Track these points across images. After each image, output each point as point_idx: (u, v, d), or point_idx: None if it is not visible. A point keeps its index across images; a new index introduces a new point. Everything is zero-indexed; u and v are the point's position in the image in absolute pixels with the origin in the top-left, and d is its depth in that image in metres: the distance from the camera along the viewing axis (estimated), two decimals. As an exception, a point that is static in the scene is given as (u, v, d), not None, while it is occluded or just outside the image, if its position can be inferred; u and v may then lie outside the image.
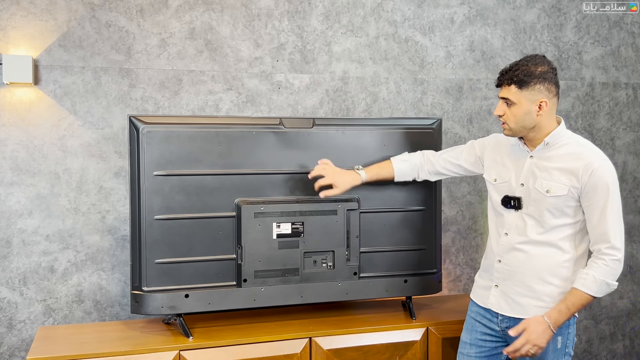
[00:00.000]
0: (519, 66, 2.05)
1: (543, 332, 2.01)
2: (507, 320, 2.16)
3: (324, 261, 2.47)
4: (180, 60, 2.79)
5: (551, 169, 2.08)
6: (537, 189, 2.08)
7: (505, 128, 2.12)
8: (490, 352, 2.24)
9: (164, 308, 2.29)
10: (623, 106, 3.50)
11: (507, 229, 2.16)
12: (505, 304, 2.16)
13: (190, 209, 2.31)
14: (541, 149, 2.11)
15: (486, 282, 2.24)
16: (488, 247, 2.26)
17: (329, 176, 2.37)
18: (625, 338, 3.57)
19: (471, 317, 2.29)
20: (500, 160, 2.24)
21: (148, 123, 2.26)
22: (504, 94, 2.08)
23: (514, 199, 2.14)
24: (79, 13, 2.67)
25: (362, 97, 3.04)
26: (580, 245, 2.12)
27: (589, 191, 2.03)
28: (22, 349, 2.65)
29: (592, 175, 2.01)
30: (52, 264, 2.66)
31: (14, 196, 2.61)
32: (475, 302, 2.29)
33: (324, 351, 2.37)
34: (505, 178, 2.19)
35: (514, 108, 2.06)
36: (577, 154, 2.06)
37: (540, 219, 2.09)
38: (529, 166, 2.13)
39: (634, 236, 3.55)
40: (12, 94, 2.60)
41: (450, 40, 3.17)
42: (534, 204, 2.09)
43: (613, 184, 2.04)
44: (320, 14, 2.97)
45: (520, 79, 2.03)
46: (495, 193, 2.22)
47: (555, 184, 2.05)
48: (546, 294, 2.09)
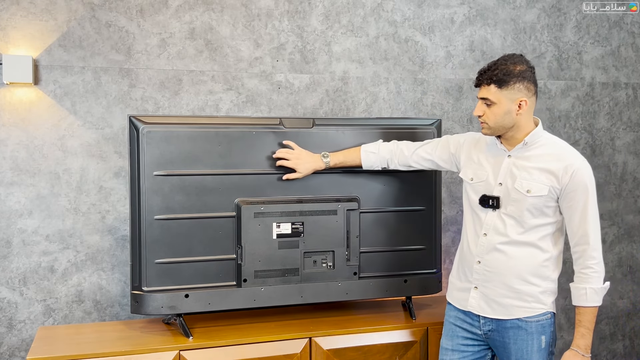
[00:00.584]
0: (497, 65, 2.05)
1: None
2: (490, 322, 2.15)
3: (324, 261, 2.47)
4: (180, 60, 2.79)
5: (530, 168, 2.08)
6: (517, 189, 2.08)
7: (484, 127, 2.11)
8: (474, 357, 2.23)
9: (164, 308, 2.29)
10: (623, 106, 3.50)
11: (486, 229, 2.14)
12: (487, 305, 2.14)
13: (190, 209, 2.31)
14: (520, 149, 2.11)
15: (464, 284, 2.22)
16: (464, 248, 2.23)
17: (292, 160, 2.37)
18: (625, 338, 3.57)
19: (450, 322, 2.27)
20: (476, 159, 2.23)
21: (148, 123, 2.26)
22: (483, 93, 2.08)
23: (492, 199, 2.13)
24: (79, 13, 2.67)
25: (362, 97, 3.04)
26: (558, 244, 2.14)
27: (569, 192, 2.04)
28: (22, 349, 2.65)
29: (573, 177, 2.02)
30: (52, 264, 2.66)
31: (14, 196, 2.61)
32: (453, 305, 2.27)
33: (324, 351, 2.37)
34: (482, 177, 2.18)
35: (493, 108, 2.06)
36: (556, 154, 2.07)
37: (520, 219, 2.08)
38: (507, 165, 2.13)
39: (634, 236, 3.55)
40: (12, 94, 2.60)
41: (450, 40, 3.17)
42: (514, 203, 2.08)
43: (591, 185, 2.05)
44: (320, 14, 2.97)
45: (499, 78, 2.03)
46: (472, 192, 2.21)
47: (535, 184, 2.06)
48: (528, 294, 2.09)
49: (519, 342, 2.10)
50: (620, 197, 3.51)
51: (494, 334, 2.15)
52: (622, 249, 3.53)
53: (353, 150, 2.45)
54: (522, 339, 2.09)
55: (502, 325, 2.12)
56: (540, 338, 2.09)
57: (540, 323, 2.10)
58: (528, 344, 2.09)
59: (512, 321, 2.10)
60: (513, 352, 2.11)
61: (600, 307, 3.46)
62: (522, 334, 2.09)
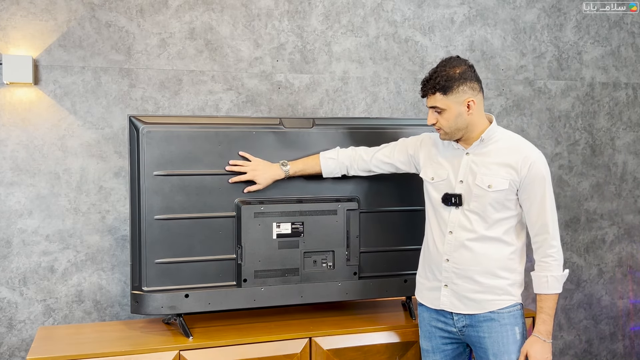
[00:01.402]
0: (437, 73, 2.07)
1: (542, 348, 2.07)
2: (463, 318, 2.17)
3: (324, 261, 2.47)
4: (180, 60, 2.79)
5: (489, 164, 2.10)
6: (478, 185, 2.10)
7: (441, 134, 2.14)
8: (454, 354, 2.25)
9: (164, 308, 2.29)
10: (623, 106, 3.50)
11: (451, 227, 2.16)
12: (459, 302, 2.16)
13: (190, 209, 2.31)
14: (477, 146, 2.13)
15: (433, 283, 2.22)
16: (430, 247, 2.23)
17: (249, 173, 2.34)
18: (625, 338, 3.57)
19: (426, 323, 2.27)
20: (435, 159, 2.25)
21: (148, 123, 2.26)
22: (431, 103, 2.10)
23: (454, 196, 2.14)
24: (79, 13, 2.67)
25: (362, 97, 3.04)
26: (521, 236, 2.17)
27: (527, 184, 2.07)
28: (22, 349, 2.65)
29: (531, 168, 2.06)
30: (52, 264, 2.66)
31: (14, 196, 2.61)
32: (425, 305, 2.27)
33: (324, 351, 2.37)
34: (443, 176, 2.19)
35: (444, 114, 2.08)
36: (513, 147, 2.11)
37: (484, 214, 2.10)
38: (466, 163, 2.15)
39: (634, 236, 3.55)
40: (12, 94, 2.60)
41: (450, 40, 3.17)
42: (476, 199, 2.11)
43: (547, 175, 2.09)
44: (320, 14, 2.97)
45: (442, 86, 2.05)
46: (434, 191, 2.22)
47: (495, 179, 2.08)
48: (497, 288, 2.12)
49: (493, 334, 2.11)
50: (620, 197, 3.51)
51: (469, 329, 2.16)
52: (622, 249, 3.53)
53: (312, 158, 2.42)
54: (496, 332, 2.11)
55: (476, 319, 2.14)
56: (514, 329, 2.12)
57: (512, 314, 2.13)
58: (503, 336, 2.11)
59: (484, 314, 2.13)
60: (489, 346, 2.12)
61: (600, 307, 3.49)
62: (495, 326, 2.11)
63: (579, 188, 3.44)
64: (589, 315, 3.48)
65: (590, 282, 3.46)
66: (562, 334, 3.44)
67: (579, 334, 3.47)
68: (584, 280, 3.45)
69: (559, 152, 3.39)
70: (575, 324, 3.46)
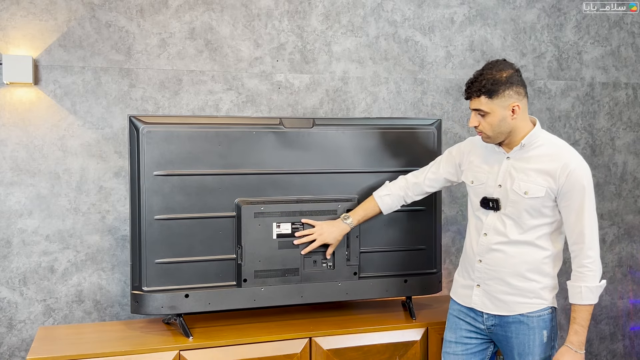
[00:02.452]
0: (483, 76, 2.05)
1: (573, 358, 2.06)
2: (492, 318, 2.18)
3: (324, 261, 2.47)
4: (180, 60, 2.79)
5: (528, 170, 2.09)
6: (514, 191, 2.10)
7: (483, 137, 2.13)
8: (476, 349, 2.26)
9: (164, 308, 2.29)
10: (623, 106, 3.50)
11: (486, 229, 2.17)
12: (490, 302, 2.18)
13: (190, 209, 2.31)
14: (518, 151, 2.13)
15: (467, 281, 2.25)
16: (467, 247, 2.27)
17: (318, 239, 2.39)
18: (625, 338, 3.57)
19: (454, 315, 2.30)
20: (476, 163, 2.25)
21: (148, 123, 2.26)
22: (475, 105, 2.08)
23: (492, 201, 2.15)
24: (79, 13, 2.67)
25: (362, 97, 3.04)
26: (558, 242, 2.16)
27: (565, 192, 2.05)
28: (22, 349, 2.65)
29: (569, 177, 2.03)
30: (52, 264, 2.66)
31: (14, 196, 2.61)
32: (456, 301, 2.30)
33: (324, 351, 2.37)
34: (482, 180, 2.20)
35: (488, 118, 2.07)
36: (553, 155, 2.08)
37: (519, 220, 2.10)
38: (506, 168, 2.14)
39: (634, 236, 3.55)
40: (12, 94, 2.60)
41: (450, 40, 3.17)
42: (512, 205, 2.10)
43: (588, 184, 2.06)
44: (320, 14, 2.97)
45: (488, 89, 2.03)
46: (473, 195, 2.24)
47: (532, 186, 2.07)
48: (528, 291, 2.12)
49: (520, 336, 2.13)
50: (620, 197, 3.51)
51: (497, 328, 2.18)
52: (622, 249, 3.53)
53: (368, 201, 2.44)
54: (523, 334, 2.12)
55: (505, 320, 2.16)
56: (542, 332, 2.12)
57: (541, 318, 2.13)
58: (530, 338, 2.12)
59: (514, 316, 2.14)
60: (515, 346, 2.14)
61: (600, 307, 3.48)
62: (523, 329, 2.12)
63: (579, 188, 3.43)
64: (589, 315, 3.48)
65: (590, 282, 3.46)
66: (562, 334, 3.44)
67: (579, 334, 3.47)
68: (584, 280, 3.45)
69: (559, 152, 3.39)
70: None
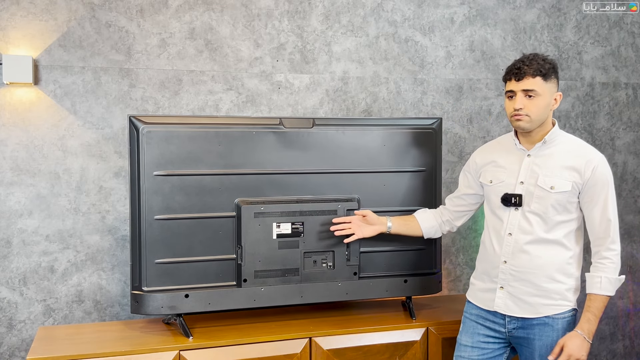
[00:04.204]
0: (540, 58, 2.08)
1: (581, 345, 2.05)
2: (515, 321, 2.16)
3: (324, 261, 2.47)
4: (180, 60, 2.79)
5: (552, 166, 2.11)
6: (540, 186, 2.10)
7: (523, 120, 2.09)
8: (492, 354, 2.23)
9: (164, 308, 2.29)
10: (623, 106, 3.50)
11: (510, 229, 2.16)
12: (514, 305, 2.15)
13: (190, 209, 2.31)
14: (539, 147, 2.14)
15: (488, 284, 2.22)
16: (488, 250, 2.24)
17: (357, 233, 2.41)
18: (625, 338, 3.57)
19: (471, 319, 2.27)
20: (493, 163, 2.25)
21: (148, 123, 2.26)
22: (528, 85, 2.06)
23: (514, 196, 2.14)
24: (79, 13, 2.67)
25: (362, 97, 3.04)
26: (580, 242, 2.18)
27: (590, 187, 2.07)
28: (22, 349, 2.65)
29: (594, 171, 2.07)
30: (52, 264, 2.66)
31: (14, 196, 2.61)
32: (476, 305, 2.27)
33: (324, 351, 2.37)
34: (502, 178, 2.20)
35: (537, 100, 2.07)
36: (576, 151, 2.11)
37: (545, 216, 2.10)
38: (527, 164, 2.15)
39: (634, 236, 3.55)
40: (12, 94, 2.60)
41: (450, 40, 3.17)
42: (538, 200, 2.11)
43: (611, 179, 2.10)
44: (320, 14, 2.97)
45: (546, 70, 2.06)
46: (493, 194, 2.22)
47: (558, 180, 2.08)
48: (555, 292, 2.12)
49: (544, 338, 2.12)
50: (620, 197, 3.51)
51: (519, 331, 2.16)
52: (622, 249, 3.50)
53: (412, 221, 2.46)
54: (547, 335, 2.12)
55: (529, 322, 2.14)
56: (564, 334, 2.11)
57: (566, 320, 2.13)
58: (553, 340, 2.11)
59: (539, 318, 2.13)
60: (537, 348, 2.12)
61: (600, 307, 3.48)
62: (547, 330, 2.12)
63: (579, 188, 3.44)
64: (589, 315, 3.48)
65: (590, 282, 3.46)
66: (562, 334, 3.44)
67: (579, 334, 3.47)
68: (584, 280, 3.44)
69: (559, 152, 3.39)
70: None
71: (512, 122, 2.13)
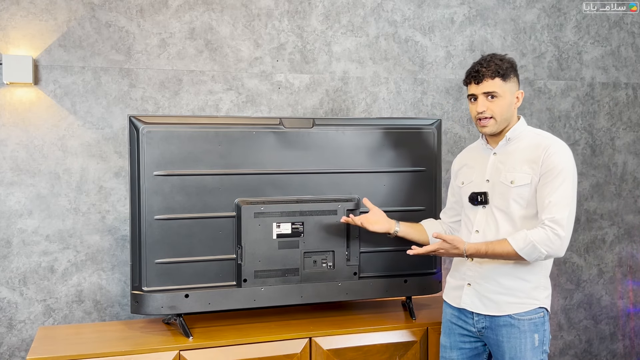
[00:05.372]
0: (497, 59, 2.08)
1: (455, 251, 2.08)
2: (483, 319, 2.16)
3: (324, 261, 2.47)
4: (180, 60, 2.79)
5: (514, 161, 2.12)
6: (501, 182, 2.12)
7: (489, 125, 2.11)
8: (472, 353, 2.24)
9: (164, 308, 2.29)
10: (623, 106, 3.50)
11: (478, 226, 2.17)
12: (480, 302, 2.16)
13: (190, 209, 2.31)
14: (503, 145, 2.16)
15: (458, 281, 2.24)
16: None
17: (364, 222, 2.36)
18: (625, 338, 3.57)
19: (447, 319, 2.29)
20: (466, 165, 2.29)
21: (148, 123, 2.26)
22: (488, 87, 2.07)
23: (480, 194, 2.16)
24: (79, 13, 2.67)
25: (362, 97, 3.04)
26: None
27: (544, 172, 2.05)
28: (22, 349, 2.65)
29: (548, 157, 2.04)
30: (52, 264, 2.66)
31: (14, 196, 2.61)
32: (448, 303, 2.29)
33: (324, 351, 2.37)
34: (471, 178, 2.22)
35: (499, 101, 2.08)
36: (537, 143, 2.11)
37: (508, 211, 2.11)
38: (493, 163, 2.17)
39: (634, 236, 3.55)
40: (12, 94, 2.60)
41: (450, 40, 3.17)
42: (500, 196, 2.12)
43: (569, 168, 2.04)
44: (320, 14, 2.97)
45: (504, 71, 2.07)
46: (464, 195, 2.25)
47: (518, 174, 2.09)
48: (519, 290, 2.11)
49: (512, 340, 2.11)
50: (620, 197, 3.51)
51: (488, 331, 2.16)
52: (622, 249, 3.53)
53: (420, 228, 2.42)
54: (515, 337, 2.10)
55: (495, 322, 2.14)
56: (533, 336, 2.11)
57: (532, 321, 2.11)
58: (521, 342, 2.10)
59: (504, 318, 2.12)
60: (507, 350, 2.12)
61: (600, 307, 3.48)
62: (515, 332, 2.11)
63: (579, 188, 3.44)
64: (589, 315, 3.48)
65: (590, 282, 3.46)
66: (562, 334, 3.44)
67: (579, 334, 3.46)
68: (584, 280, 3.45)
69: (559, 152, 3.39)
70: (575, 324, 3.46)
71: (478, 128, 2.15)
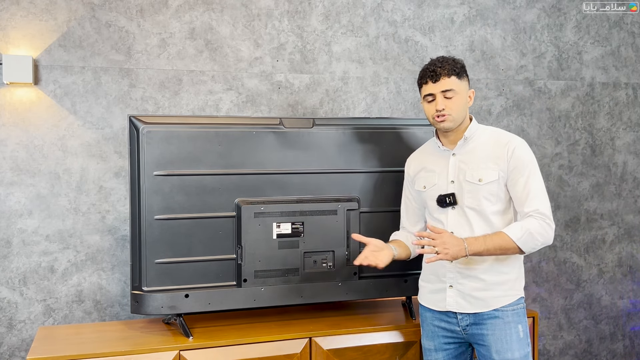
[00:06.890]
0: (450, 59, 2.14)
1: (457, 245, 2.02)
2: (467, 317, 2.17)
3: (324, 261, 2.47)
4: (180, 60, 2.79)
5: (477, 159, 2.15)
6: (469, 181, 2.13)
7: (447, 120, 2.13)
8: (456, 352, 2.25)
9: (164, 308, 2.29)
10: (623, 106, 3.50)
11: (451, 227, 2.16)
12: (465, 302, 2.16)
13: (190, 209, 2.31)
14: (461, 145, 2.18)
15: (437, 285, 2.23)
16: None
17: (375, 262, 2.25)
18: (625, 338, 3.57)
19: (429, 322, 2.27)
20: (424, 169, 2.28)
21: (148, 123, 2.26)
22: (445, 86, 2.11)
23: (447, 196, 2.16)
24: (79, 13, 2.67)
25: (362, 97, 3.04)
26: None
27: (512, 169, 2.11)
28: (22, 349, 2.65)
29: (514, 153, 2.11)
30: (52, 264, 2.66)
31: (14, 196, 2.61)
32: (427, 307, 2.27)
33: (324, 351, 2.37)
34: (434, 181, 2.22)
35: (456, 99, 2.13)
36: (496, 139, 2.17)
37: (480, 209, 2.12)
38: (454, 163, 2.19)
39: (634, 236, 3.55)
40: (12, 94, 2.60)
41: (450, 40, 3.17)
42: (470, 195, 2.13)
43: (532, 160, 2.13)
44: (320, 14, 2.97)
45: (459, 70, 2.13)
46: (428, 199, 2.23)
47: (484, 172, 2.12)
48: (503, 283, 2.14)
49: (497, 332, 2.11)
50: (620, 197, 3.51)
51: (472, 327, 2.16)
52: (622, 249, 3.53)
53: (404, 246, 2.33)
54: (500, 329, 2.11)
55: (480, 317, 2.14)
56: (517, 327, 2.12)
57: (515, 311, 2.13)
58: (506, 334, 2.11)
59: (488, 312, 2.13)
60: (492, 342, 2.12)
61: (600, 307, 3.48)
62: (499, 324, 2.12)
63: (579, 188, 3.44)
64: (589, 315, 3.48)
65: (590, 282, 3.46)
66: (562, 334, 3.44)
67: (579, 334, 3.47)
68: (584, 280, 3.45)
69: (559, 152, 3.39)
70: (575, 324, 3.46)
71: (435, 125, 2.17)
